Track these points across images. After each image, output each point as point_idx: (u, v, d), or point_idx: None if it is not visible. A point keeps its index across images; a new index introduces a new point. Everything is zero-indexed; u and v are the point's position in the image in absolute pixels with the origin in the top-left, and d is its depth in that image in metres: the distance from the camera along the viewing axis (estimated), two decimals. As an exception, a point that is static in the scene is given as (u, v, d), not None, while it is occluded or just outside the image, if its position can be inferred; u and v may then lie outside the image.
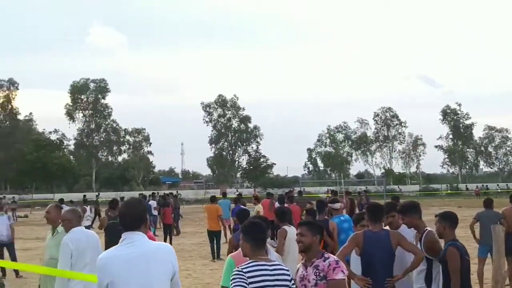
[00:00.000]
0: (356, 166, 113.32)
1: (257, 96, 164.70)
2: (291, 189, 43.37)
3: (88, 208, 26.76)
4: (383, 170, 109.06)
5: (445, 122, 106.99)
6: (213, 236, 20.05)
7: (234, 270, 5.06)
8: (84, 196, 48.03)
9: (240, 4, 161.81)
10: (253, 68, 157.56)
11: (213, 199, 21.81)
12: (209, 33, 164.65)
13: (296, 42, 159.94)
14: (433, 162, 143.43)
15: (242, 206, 16.66)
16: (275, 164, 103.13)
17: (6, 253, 16.88)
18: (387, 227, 7.64)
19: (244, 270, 4.93)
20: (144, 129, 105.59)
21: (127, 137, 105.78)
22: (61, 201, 29.30)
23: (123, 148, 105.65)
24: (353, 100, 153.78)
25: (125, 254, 4.56)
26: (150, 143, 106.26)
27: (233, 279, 4.92)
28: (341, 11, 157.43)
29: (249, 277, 4.88)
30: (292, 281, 5.13)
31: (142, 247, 4.62)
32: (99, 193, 55.31)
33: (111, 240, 13.46)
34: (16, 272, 16.36)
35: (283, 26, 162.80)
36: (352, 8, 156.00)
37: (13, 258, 16.91)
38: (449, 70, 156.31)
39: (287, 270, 5.12)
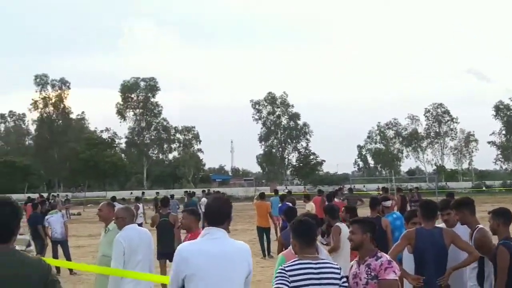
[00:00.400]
0: (407, 163, 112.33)
1: (306, 94, 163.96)
2: (341, 186, 43.21)
3: (141, 205, 27.00)
4: (434, 167, 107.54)
5: (497, 118, 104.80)
6: (263, 233, 19.94)
7: (278, 268, 5.10)
8: (143, 193, 48.66)
9: (290, 3, 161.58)
10: (302, 66, 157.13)
11: (263, 196, 21.86)
12: (258, 30, 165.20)
13: (346, 40, 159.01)
14: (486, 158, 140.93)
15: (288, 203, 16.47)
16: (324, 161, 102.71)
17: (60, 250, 17.22)
18: (442, 225, 7.52)
19: (287, 269, 4.96)
20: (194, 127, 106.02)
21: (177, 135, 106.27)
22: (113, 199, 29.70)
23: (173, 146, 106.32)
24: (404, 97, 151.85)
25: (207, 249, 4.65)
26: (200, 141, 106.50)
27: (276, 277, 4.97)
28: (402, 6, 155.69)
29: (291, 275, 4.89)
30: (343, 279, 5.07)
31: (224, 244, 4.72)
32: (158, 192, 55.82)
33: (162, 237, 13.61)
34: (70, 269, 16.63)
35: (332, 24, 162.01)
36: (409, 2, 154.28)
37: (67, 255, 17.26)
38: (501, 65, 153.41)
39: (337, 268, 5.07)
